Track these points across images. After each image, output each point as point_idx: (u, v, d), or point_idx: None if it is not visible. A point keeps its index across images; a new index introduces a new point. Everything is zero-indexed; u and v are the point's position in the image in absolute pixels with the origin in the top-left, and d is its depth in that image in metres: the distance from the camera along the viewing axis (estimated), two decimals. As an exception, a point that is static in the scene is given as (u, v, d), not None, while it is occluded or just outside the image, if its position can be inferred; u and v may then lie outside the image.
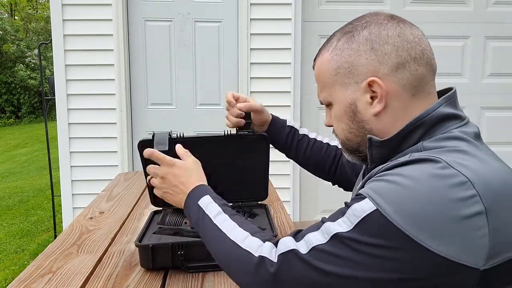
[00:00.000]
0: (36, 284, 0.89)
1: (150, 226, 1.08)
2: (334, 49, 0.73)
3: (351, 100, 0.72)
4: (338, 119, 0.76)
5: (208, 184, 0.87)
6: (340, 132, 0.77)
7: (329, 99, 0.76)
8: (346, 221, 0.60)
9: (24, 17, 16.77)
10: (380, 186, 0.60)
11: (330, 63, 0.74)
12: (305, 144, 1.14)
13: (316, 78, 0.78)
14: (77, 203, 2.88)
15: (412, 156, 0.62)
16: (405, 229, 0.55)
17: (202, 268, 0.94)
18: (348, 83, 0.72)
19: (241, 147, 1.10)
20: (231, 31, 2.90)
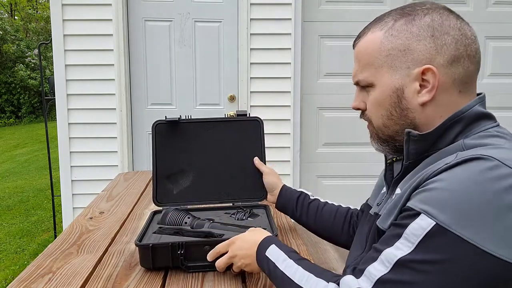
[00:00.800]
0: (36, 284, 0.89)
1: (150, 225, 1.08)
2: (390, 29, 0.69)
3: (399, 85, 0.69)
4: (378, 103, 0.72)
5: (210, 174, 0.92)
6: (377, 117, 0.73)
7: (372, 80, 0.72)
8: (405, 243, 0.57)
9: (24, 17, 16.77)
10: (433, 196, 0.56)
11: (382, 43, 0.70)
12: (316, 207, 1.11)
13: (358, 56, 0.74)
14: (77, 203, 2.88)
15: (459, 156, 0.59)
16: (470, 238, 0.53)
17: (202, 268, 0.94)
18: (398, 67, 0.69)
19: (239, 131, 1.24)
20: (231, 31, 2.90)
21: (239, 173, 1.24)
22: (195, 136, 1.25)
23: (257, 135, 1.25)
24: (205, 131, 1.25)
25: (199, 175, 1.24)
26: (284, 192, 1.16)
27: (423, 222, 0.56)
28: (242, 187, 1.24)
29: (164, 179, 1.24)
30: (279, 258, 0.77)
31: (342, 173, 3.03)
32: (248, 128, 1.26)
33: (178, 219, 1.07)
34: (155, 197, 1.23)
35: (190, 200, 1.23)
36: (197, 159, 1.25)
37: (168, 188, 1.23)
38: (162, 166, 1.24)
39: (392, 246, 0.58)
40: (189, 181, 1.24)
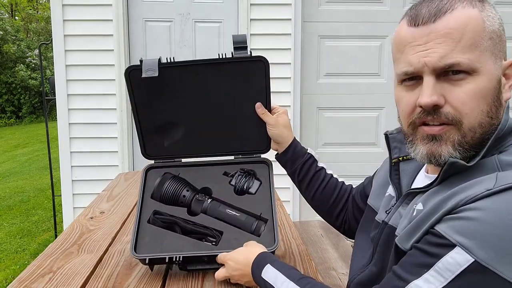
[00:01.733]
0: (36, 283, 0.89)
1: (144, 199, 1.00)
2: (484, 10, 0.60)
3: (499, 75, 0.59)
4: (482, 95, 0.57)
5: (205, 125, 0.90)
6: (476, 114, 0.58)
7: (477, 65, 0.57)
8: (437, 276, 0.51)
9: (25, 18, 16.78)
10: (472, 227, 0.50)
11: (484, 22, 0.59)
12: (320, 178, 1.02)
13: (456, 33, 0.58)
14: (77, 203, 2.89)
15: (500, 180, 0.52)
16: (509, 277, 0.47)
17: (201, 270, 0.94)
18: (497, 55, 0.59)
19: (238, 74, 1.00)
20: (231, 31, 2.90)
21: (238, 122, 1.05)
22: (183, 82, 1.02)
23: (260, 79, 1.02)
24: (195, 76, 1.01)
25: (193, 126, 1.06)
26: (292, 152, 1.03)
27: (460, 257, 0.49)
28: (242, 138, 1.06)
29: (152, 132, 1.06)
30: (278, 279, 0.73)
31: (342, 173, 3.02)
32: (250, 70, 1.01)
33: (176, 191, 1.00)
34: (143, 149, 1.07)
35: (184, 153, 1.07)
36: (189, 108, 1.04)
37: (158, 141, 1.07)
38: (146, 119, 1.05)
39: (421, 277, 0.52)
40: (182, 133, 1.07)
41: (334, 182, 1.03)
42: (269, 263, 0.76)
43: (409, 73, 0.61)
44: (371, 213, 0.81)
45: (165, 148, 1.08)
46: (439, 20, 0.58)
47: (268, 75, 1.02)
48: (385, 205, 0.77)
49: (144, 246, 0.93)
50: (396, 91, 0.66)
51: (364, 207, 0.90)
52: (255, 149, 1.08)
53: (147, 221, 0.98)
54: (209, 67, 1.00)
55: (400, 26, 0.64)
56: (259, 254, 0.80)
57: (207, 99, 1.03)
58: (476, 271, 0.49)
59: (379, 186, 0.83)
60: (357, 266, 0.78)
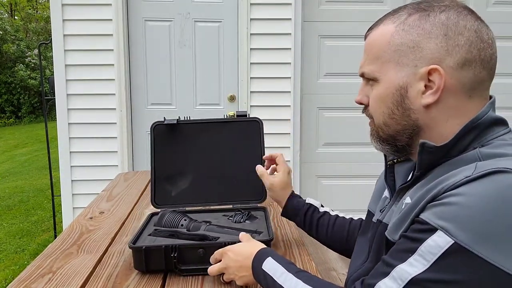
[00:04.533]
0: (36, 284, 0.89)
1: (146, 227, 1.08)
2: (402, 23, 0.65)
3: (403, 83, 0.65)
4: (381, 99, 0.68)
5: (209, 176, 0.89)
6: (378, 114, 0.70)
7: (377, 74, 0.68)
8: (420, 260, 0.54)
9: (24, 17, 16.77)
10: (452, 212, 0.53)
11: (393, 37, 0.66)
12: (326, 222, 1.04)
13: (368, 48, 0.70)
14: (77, 203, 2.88)
15: (479, 168, 0.55)
16: (492, 259, 0.50)
17: (196, 272, 0.93)
18: (405, 64, 0.65)
19: (238, 132, 1.23)
20: (231, 31, 2.90)
21: (238, 174, 1.23)
22: (194, 137, 1.24)
23: (257, 136, 1.24)
24: (204, 132, 1.24)
25: (198, 177, 1.24)
26: (291, 208, 1.07)
27: (440, 239, 0.52)
28: (241, 188, 1.23)
29: (163, 180, 1.23)
30: (277, 271, 0.74)
31: (342, 173, 3.03)
32: (248, 128, 1.24)
33: (174, 221, 1.06)
34: (153, 199, 1.22)
35: (188, 202, 1.22)
36: (196, 160, 1.24)
37: (167, 190, 1.23)
38: (161, 168, 1.23)
39: (405, 262, 0.55)
40: (188, 183, 1.23)
41: (341, 222, 1.03)
42: (271, 256, 0.79)
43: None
44: (370, 217, 0.84)
45: (172, 197, 1.23)
46: (367, 36, 0.71)
47: (262, 132, 1.24)
48: (380, 205, 0.80)
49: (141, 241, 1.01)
50: None
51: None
52: (252, 199, 1.23)
53: (148, 234, 1.03)
54: (216, 125, 1.24)
55: None
56: (262, 248, 0.82)
57: (211, 153, 1.24)
58: (456, 253, 0.51)
59: (377, 190, 0.86)
60: (354, 265, 0.81)
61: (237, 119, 1.25)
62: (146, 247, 0.92)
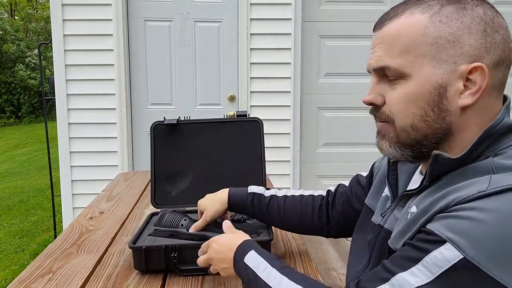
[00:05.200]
0: (36, 284, 0.89)
1: (146, 228, 1.08)
2: (437, 14, 0.59)
3: (442, 81, 0.59)
4: (411, 99, 0.60)
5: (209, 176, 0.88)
6: (405, 116, 0.61)
7: (407, 70, 0.60)
8: (424, 271, 0.51)
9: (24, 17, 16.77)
10: (464, 226, 0.49)
11: (427, 28, 0.59)
12: (276, 206, 1.00)
13: (389, 39, 0.62)
14: (77, 203, 2.88)
15: (494, 183, 0.52)
16: (505, 281, 0.46)
17: (196, 272, 0.93)
18: (444, 60, 0.59)
19: (238, 132, 1.23)
20: (231, 31, 2.90)
21: (238, 174, 1.23)
22: (194, 137, 1.24)
23: (257, 136, 1.24)
24: (204, 132, 1.24)
25: (198, 177, 1.24)
26: (233, 198, 1.02)
27: (449, 252, 0.49)
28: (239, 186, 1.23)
29: (163, 181, 1.23)
30: (260, 265, 0.71)
31: (342, 173, 3.03)
32: (248, 128, 1.24)
33: (174, 221, 1.06)
34: (153, 199, 1.22)
35: (188, 202, 1.22)
36: (196, 160, 1.24)
37: (167, 190, 1.23)
38: (161, 168, 1.23)
39: (407, 270, 0.52)
40: (188, 183, 1.24)
41: (291, 201, 1.00)
42: (254, 249, 0.75)
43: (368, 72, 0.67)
44: (368, 213, 0.81)
45: (172, 197, 1.24)
46: (383, 27, 0.63)
47: (262, 132, 1.23)
48: (381, 206, 0.77)
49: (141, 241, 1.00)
50: None
51: (346, 209, 0.93)
52: None
53: (148, 234, 1.03)
54: (216, 125, 1.24)
55: None
56: (245, 241, 0.79)
57: (211, 153, 1.24)
58: (464, 269, 0.48)
59: (377, 185, 0.83)
60: (353, 271, 0.78)
61: (237, 119, 1.25)
62: (146, 247, 0.92)
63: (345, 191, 0.96)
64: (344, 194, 0.95)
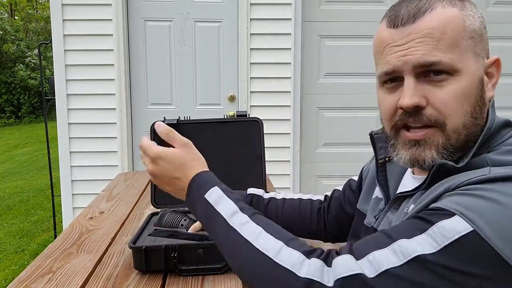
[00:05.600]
0: (36, 284, 0.89)
1: (146, 228, 1.08)
2: (464, 9, 0.59)
3: (481, 75, 0.59)
4: (464, 96, 0.57)
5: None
6: (460, 115, 0.57)
7: (459, 65, 0.57)
8: (431, 241, 0.48)
9: (24, 17, 16.77)
10: (473, 202, 0.49)
11: (464, 22, 0.58)
12: (274, 208, 0.98)
13: (436, 32, 0.57)
14: (77, 203, 2.89)
15: (495, 171, 0.52)
16: (508, 257, 0.46)
17: (196, 272, 0.93)
18: (478, 54, 0.59)
19: (239, 131, 1.23)
20: (231, 31, 2.90)
21: (238, 174, 1.24)
22: (194, 137, 1.24)
23: (257, 136, 1.24)
24: (204, 132, 1.24)
25: None
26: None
27: (459, 224, 0.47)
28: (241, 188, 1.23)
29: None
30: (227, 207, 0.61)
31: (342, 173, 3.03)
32: (248, 128, 1.24)
33: (174, 221, 1.06)
34: (153, 199, 1.22)
35: None
36: None
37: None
38: None
39: (411, 239, 0.49)
40: None
41: (290, 204, 0.98)
42: (217, 185, 0.65)
43: (389, 72, 0.60)
44: (361, 218, 0.78)
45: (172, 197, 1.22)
46: (418, 21, 0.57)
47: (262, 132, 1.23)
48: (372, 207, 0.75)
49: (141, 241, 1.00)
50: (378, 94, 0.65)
51: (339, 214, 0.92)
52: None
53: (148, 234, 1.03)
54: (216, 125, 1.24)
55: (380, 27, 0.64)
56: (205, 172, 0.68)
57: (211, 153, 1.22)
58: (474, 242, 0.46)
59: (367, 189, 0.81)
60: None
61: (237, 119, 1.25)
62: (146, 247, 0.92)
63: (339, 196, 0.96)
64: (338, 199, 0.95)
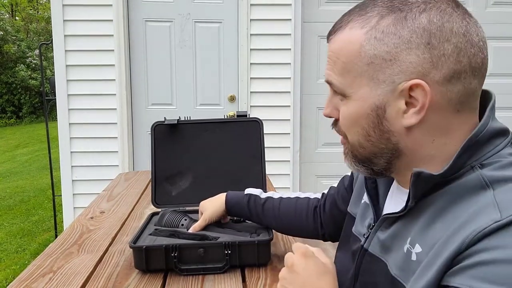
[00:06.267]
0: (36, 283, 0.90)
1: (147, 227, 1.08)
2: (374, 29, 0.53)
3: (380, 102, 0.55)
4: (352, 120, 0.58)
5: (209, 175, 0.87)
6: (352, 133, 0.59)
7: (348, 90, 0.57)
8: None
9: (25, 18, 16.78)
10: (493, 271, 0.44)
11: (363, 46, 0.54)
12: (271, 207, 0.98)
13: (333, 56, 0.58)
14: (77, 203, 2.89)
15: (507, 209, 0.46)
16: None
17: (196, 271, 0.94)
18: (381, 80, 0.54)
19: (238, 131, 1.24)
20: (231, 31, 2.90)
21: (238, 174, 1.24)
22: (194, 137, 1.24)
23: (257, 136, 1.24)
24: (204, 132, 1.24)
25: (198, 177, 1.24)
26: (230, 202, 1.02)
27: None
28: (241, 188, 1.22)
29: (163, 180, 1.23)
30: None
31: (342, 173, 3.02)
32: (248, 129, 1.25)
33: (175, 220, 1.06)
34: (153, 199, 1.23)
35: (188, 202, 1.22)
36: (196, 160, 1.24)
37: (167, 190, 1.23)
38: (161, 168, 1.23)
39: None
40: (188, 183, 1.24)
41: (286, 203, 0.99)
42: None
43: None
44: (351, 221, 0.76)
45: (172, 197, 1.24)
46: (330, 41, 0.59)
47: (262, 132, 1.24)
48: (361, 214, 0.71)
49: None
50: None
51: (333, 211, 0.90)
52: None
53: (149, 233, 1.03)
54: (217, 125, 1.24)
55: None
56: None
57: (211, 153, 1.24)
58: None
59: (356, 192, 0.79)
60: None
61: (237, 119, 1.25)
62: (146, 247, 0.93)
63: (333, 193, 0.94)
64: (332, 196, 0.94)
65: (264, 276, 0.93)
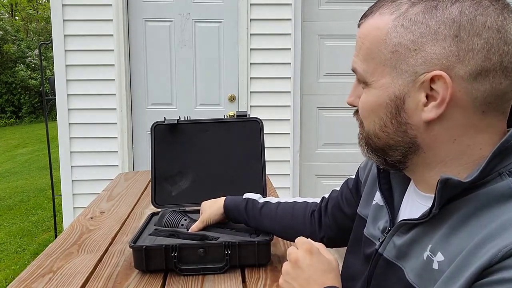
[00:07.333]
0: (36, 283, 0.90)
1: (147, 227, 1.08)
2: (402, 17, 0.52)
3: (400, 93, 0.53)
4: (370, 108, 0.57)
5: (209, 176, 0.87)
6: (368, 123, 0.59)
7: (369, 78, 0.56)
8: None
9: (25, 18, 16.78)
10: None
11: (389, 33, 0.53)
12: (268, 212, 0.98)
13: (360, 41, 0.57)
14: (77, 203, 2.89)
15: None
16: None
17: (196, 271, 0.94)
18: (404, 71, 0.52)
19: (239, 131, 1.24)
20: (231, 31, 2.90)
21: (238, 174, 1.24)
22: (194, 137, 1.25)
23: (257, 136, 1.24)
24: (204, 132, 1.24)
25: (198, 177, 1.24)
26: (229, 207, 1.01)
27: None
28: (241, 188, 1.20)
29: (163, 180, 1.23)
30: None
31: (341, 173, 3.03)
32: (248, 128, 1.25)
33: (174, 220, 1.06)
34: (153, 199, 1.23)
35: (188, 202, 1.22)
36: (196, 160, 1.24)
37: (167, 190, 1.23)
38: (161, 168, 1.23)
39: None
40: (188, 183, 1.24)
41: (284, 207, 0.98)
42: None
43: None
44: (361, 223, 0.74)
45: (172, 197, 1.24)
46: (361, 25, 0.58)
47: (262, 132, 1.24)
48: (373, 215, 0.69)
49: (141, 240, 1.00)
50: None
51: (336, 214, 0.89)
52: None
53: (149, 233, 1.03)
54: (216, 125, 1.25)
55: None
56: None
57: (211, 153, 1.24)
58: None
59: (367, 193, 0.77)
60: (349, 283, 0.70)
61: (237, 119, 1.25)
62: (146, 247, 0.93)
63: (336, 196, 0.93)
64: (335, 199, 0.93)
65: (264, 276, 0.93)
